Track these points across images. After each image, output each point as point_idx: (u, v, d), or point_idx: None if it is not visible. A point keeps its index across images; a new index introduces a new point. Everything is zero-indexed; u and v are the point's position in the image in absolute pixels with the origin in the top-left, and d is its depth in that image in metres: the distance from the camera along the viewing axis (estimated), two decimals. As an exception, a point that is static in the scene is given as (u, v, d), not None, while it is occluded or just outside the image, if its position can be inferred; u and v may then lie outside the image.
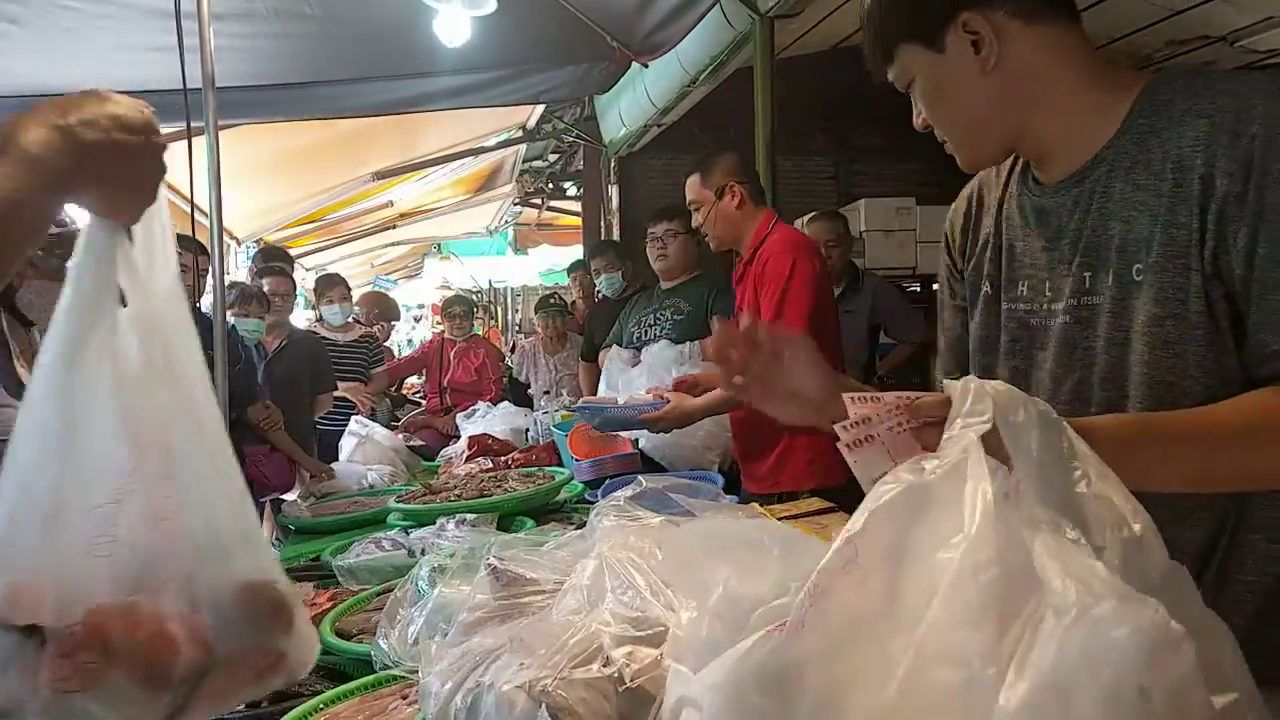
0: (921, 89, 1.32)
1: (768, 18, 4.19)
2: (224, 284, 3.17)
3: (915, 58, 1.29)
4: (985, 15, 1.22)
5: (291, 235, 8.91)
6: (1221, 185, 1.08)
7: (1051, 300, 1.29)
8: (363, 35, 4.21)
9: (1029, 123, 1.27)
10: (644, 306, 4.13)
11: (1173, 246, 1.13)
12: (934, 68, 1.28)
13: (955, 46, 1.24)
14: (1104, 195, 1.21)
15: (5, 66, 3.88)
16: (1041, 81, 1.24)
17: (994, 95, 1.26)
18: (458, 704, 1.05)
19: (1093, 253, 1.22)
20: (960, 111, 1.30)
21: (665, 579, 1.05)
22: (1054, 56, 1.24)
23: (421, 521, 2.68)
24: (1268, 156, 1.05)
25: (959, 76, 1.26)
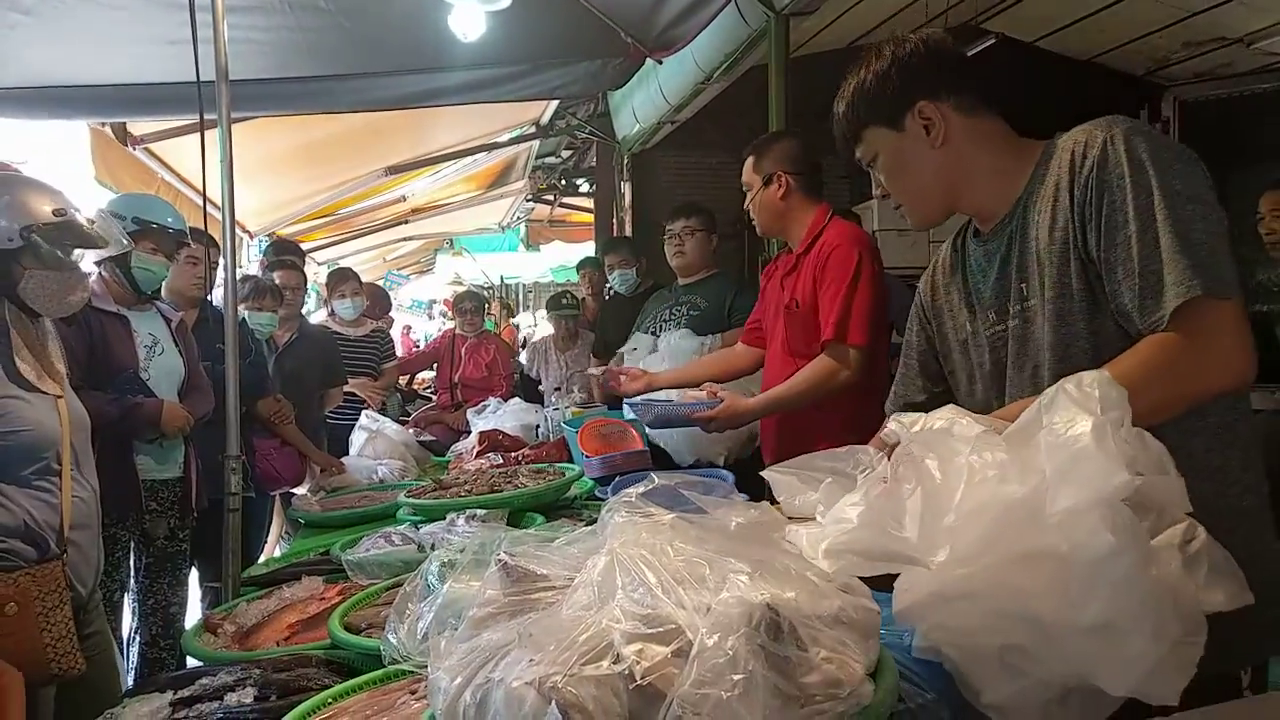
0: (883, 163, 1.68)
1: (783, 15, 4.18)
2: (235, 277, 3.17)
3: (879, 137, 1.65)
4: (935, 105, 1.59)
5: (304, 229, 8.93)
6: (1079, 194, 1.44)
7: (1010, 314, 1.60)
8: (377, 29, 4.21)
9: (964, 188, 1.64)
10: (661, 302, 4.13)
11: (1058, 245, 1.48)
12: (894, 144, 1.64)
13: (912, 127, 1.61)
14: (1022, 227, 1.56)
15: (19, 58, 3.89)
16: (973, 158, 1.61)
17: (939, 166, 1.62)
18: (467, 700, 1.04)
19: (1023, 269, 1.56)
20: (913, 180, 1.66)
21: (676, 575, 1.05)
22: (983, 139, 1.62)
23: (431, 517, 2.68)
24: (1103, 171, 1.41)
25: (913, 151, 1.63)
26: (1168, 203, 1.36)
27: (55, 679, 2.22)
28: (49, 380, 2.38)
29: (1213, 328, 1.34)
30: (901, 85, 1.61)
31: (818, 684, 0.96)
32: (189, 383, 3.40)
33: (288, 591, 2.23)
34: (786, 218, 2.99)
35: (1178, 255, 1.34)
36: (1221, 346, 1.35)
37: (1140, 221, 1.37)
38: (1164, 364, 1.35)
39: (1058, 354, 1.50)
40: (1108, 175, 1.41)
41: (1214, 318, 1.34)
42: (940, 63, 1.62)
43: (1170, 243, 1.35)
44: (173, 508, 3.34)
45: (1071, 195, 1.46)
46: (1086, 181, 1.43)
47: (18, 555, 2.23)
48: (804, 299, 2.88)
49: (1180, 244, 1.35)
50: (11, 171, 2.79)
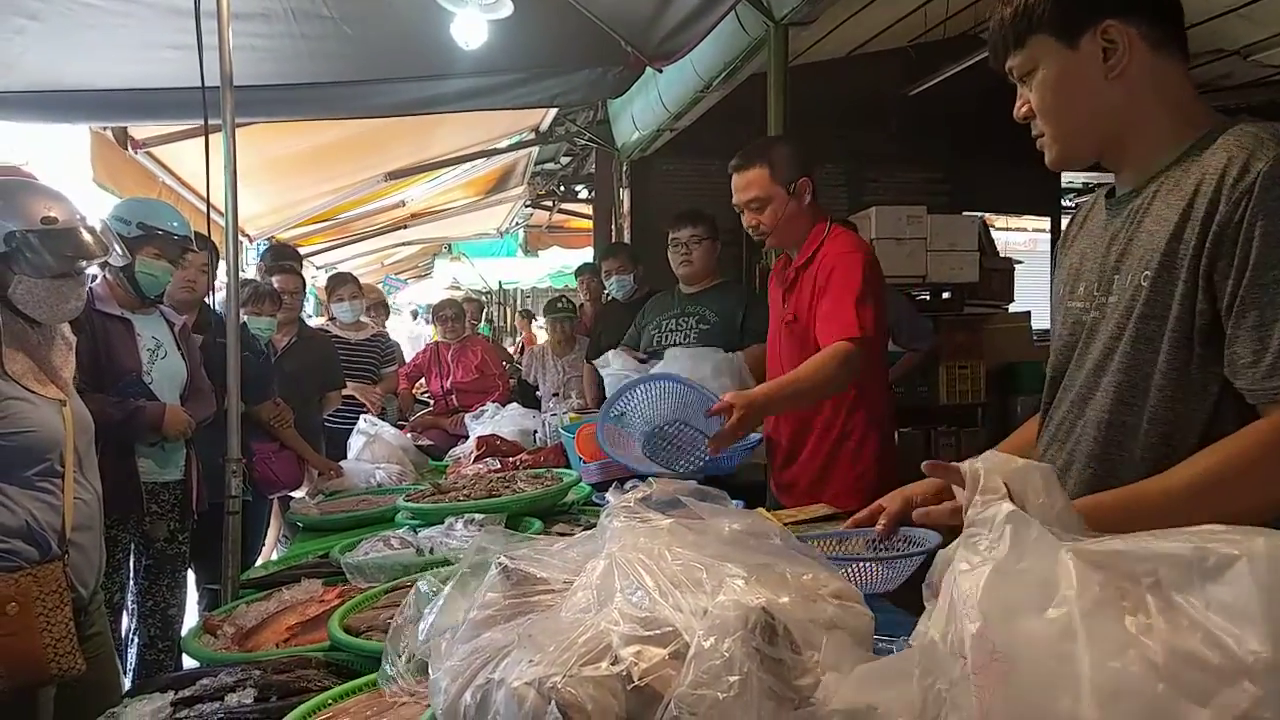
0: (1043, 79, 1.42)
1: (782, 25, 4.21)
2: (238, 281, 3.19)
3: (1047, 49, 1.40)
4: (1125, 27, 1.35)
5: (303, 234, 8.95)
6: (1224, 211, 1.25)
7: (1099, 300, 1.44)
8: (379, 37, 4.23)
9: (1125, 135, 1.41)
10: (663, 310, 4.02)
11: (1171, 257, 1.30)
12: (1063, 62, 1.39)
13: (1088, 48, 1.37)
14: (1146, 211, 1.38)
15: (25, 62, 3.91)
16: (1146, 103, 1.38)
17: (1106, 101, 1.39)
18: (467, 700, 1.05)
19: (1123, 259, 1.40)
20: (1071, 109, 1.41)
21: (674, 579, 1.07)
22: (1161, 84, 1.38)
23: (430, 521, 2.70)
24: (1266, 193, 1.21)
25: (1084, 76, 1.38)
26: None
27: (55, 679, 2.23)
28: (50, 385, 2.38)
29: None
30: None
31: (812, 686, 0.98)
32: (191, 386, 3.41)
33: (287, 594, 2.25)
34: (801, 227, 2.87)
35: None
36: None
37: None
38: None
39: (1130, 380, 1.37)
40: (1264, 208, 1.22)
41: None
42: None
43: None
44: (173, 510, 3.35)
45: (1214, 207, 1.27)
46: (1238, 201, 1.24)
47: (19, 555, 2.24)
48: (804, 314, 2.84)
49: None
50: (19, 176, 2.80)
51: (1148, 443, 1.36)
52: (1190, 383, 1.31)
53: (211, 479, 3.35)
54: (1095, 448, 1.43)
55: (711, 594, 1.04)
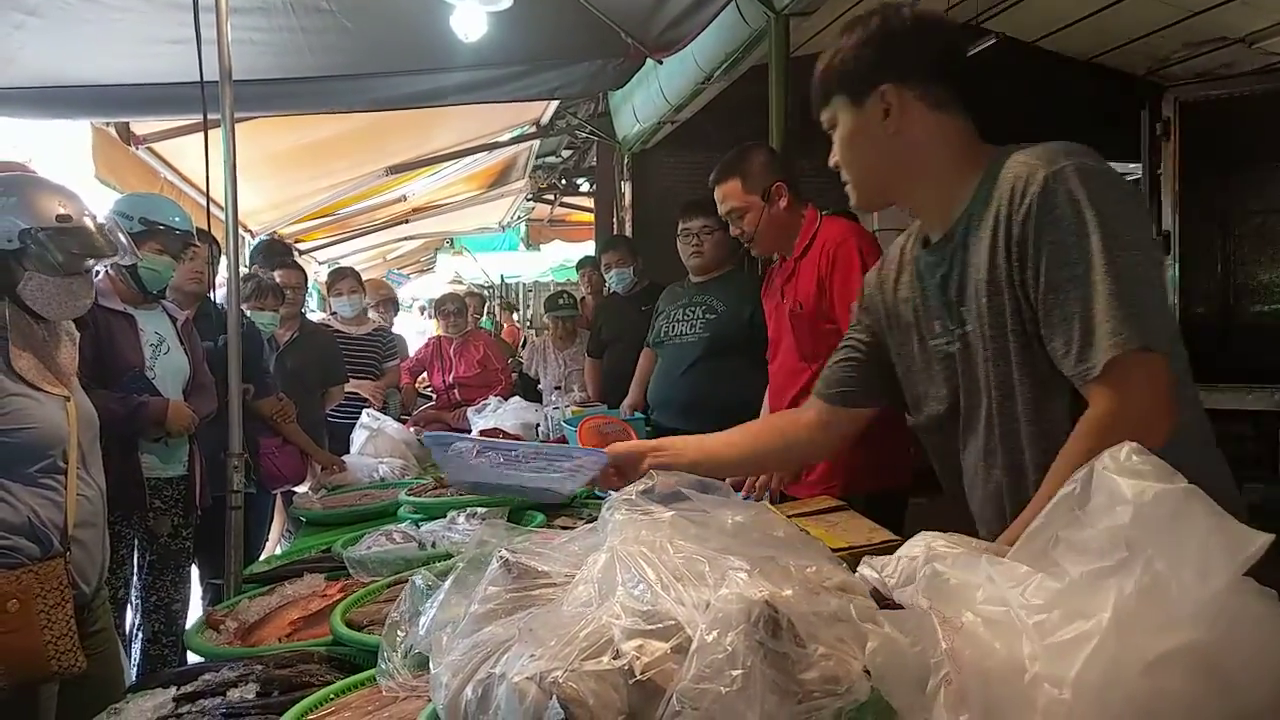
0: (840, 134, 1.64)
1: (783, 15, 4.19)
2: (239, 276, 3.19)
3: (842, 107, 1.62)
4: (900, 92, 1.55)
5: (305, 229, 8.95)
6: (1016, 233, 1.43)
7: (949, 334, 1.62)
8: (379, 30, 4.22)
9: (906, 184, 1.62)
10: (674, 300, 4.00)
11: (995, 283, 1.48)
12: (852, 118, 1.60)
13: (871, 107, 1.57)
14: (964, 248, 1.55)
15: (23, 58, 3.90)
16: (928, 157, 1.58)
17: (889, 156, 1.59)
18: (468, 695, 1.05)
19: (962, 293, 1.56)
20: (860, 159, 1.63)
21: (676, 572, 1.06)
22: (943, 139, 1.57)
23: (432, 515, 2.69)
24: (1041, 209, 1.40)
25: (867, 131, 1.59)
26: (1108, 249, 1.35)
27: (56, 677, 2.23)
28: (55, 382, 2.38)
29: (1142, 381, 1.35)
30: (873, 62, 1.56)
31: (816, 680, 0.97)
32: (194, 381, 3.41)
33: (289, 588, 2.25)
34: (791, 228, 2.92)
35: (1115, 305, 1.34)
36: (1146, 401, 1.35)
37: (1079, 267, 1.37)
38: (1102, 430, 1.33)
39: (1002, 392, 1.52)
40: (1048, 216, 1.39)
41: (1144, 371, 1.35)
42: (922, 47, 1.57)
43: (1108, 291, 1.34)
44: (176, 505, 3.35)
45: (1009, 232, 1.44)
46: (1025, 219, 1.41)
47: (20, 552, 2.24)
48: (808, 301, 2.83)
49: (1118, 293, 1.34)
50: (25, 172, 2.79)
51: (1032, 440, 1.51)
52: (1047, 380, 1.47)
53: (214, 474, 3.35)
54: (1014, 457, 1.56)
55: (714, 587, 1.03)
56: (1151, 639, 0.89)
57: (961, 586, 1.05)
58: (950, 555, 1.11)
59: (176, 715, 1.58)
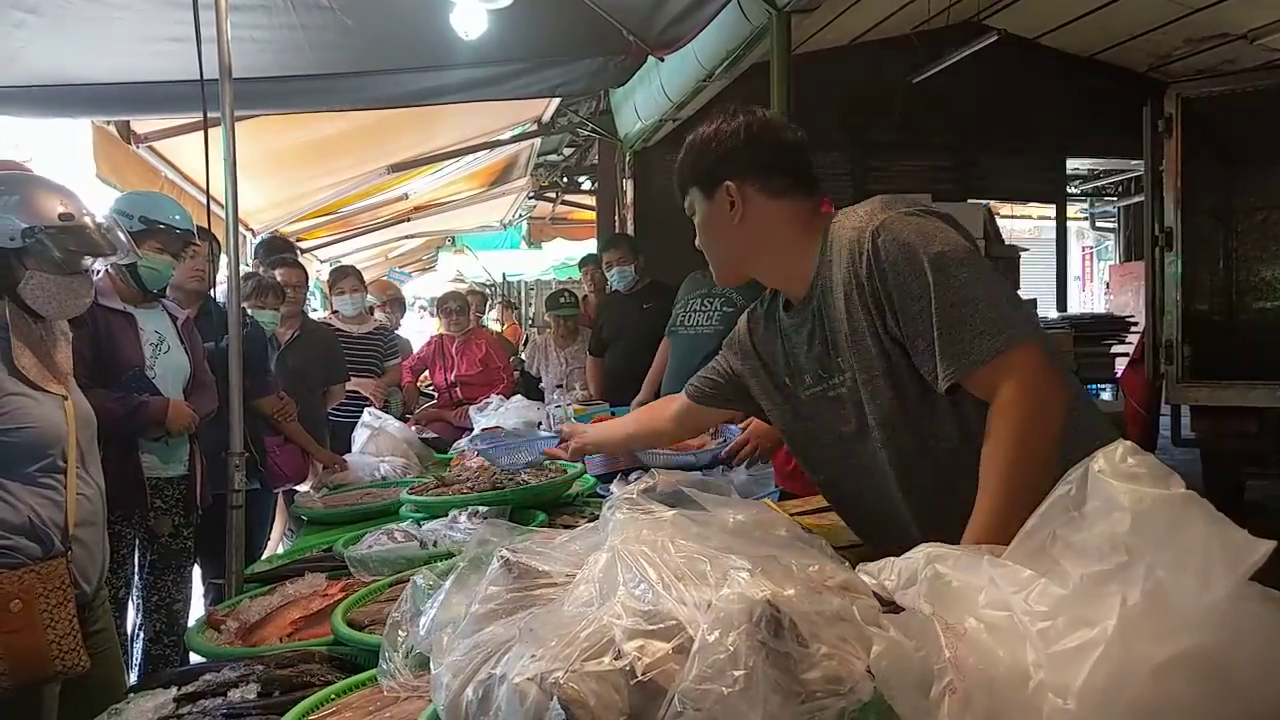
0: (697, 221, 1.84)
1: (785, 13, 4.18)
2: (239, 274, 3.18)
3: (696, 197, 1.83)
4: (740, 186, 1.75)
5: (306, 227, 8.94)
6: (868, 286, 1.61)
7: (824, 383, 1.79)
8: (379, 27, 4.21)
9: (756, 262, 1.83)
10: (695, 288, 3.99)
11: (857, 332, 1.66)
12: (705, 208, 1.81)
13: (719, 199, 1.77)
14: (823, 308, 1.73)
15: (24, 56, 3.90)
16: (766, 238, 1.78)
17: (737, 239, 1.79)
18: (469, 696, 1.04)
19: (833, 349, 1.73)
20: (716, 244, 1.84)
21: (678, 572, 1.05)
22: (785, 221, 1.76)
23: (434, 513, 2.69)
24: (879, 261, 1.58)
25: (717, 219, 1.79)
26: (942, 273, 1.53)
27: (58, 676, 2.23)
28: (53, 381, 2.38)
29: (1032, 370, 1.50)
30: (717, 161, 1.76)
31: (818, 680, 0.96)
32: (194, 380, 3.41)
33: (291, 588, 2.24)
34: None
35: (970, 318, 1.51)
36: (1038, 381, 1.50)
37: (926, 298, 1.53)
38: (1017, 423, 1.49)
39: (880, 420, 1.69)
40: (884, 264, 1.57)
41: (1028, 361, 1.50)
42: (758, 149, 1.76)
43: (959, 308, 1.51)
44: (177, 505, 3.34)
45: (861, 288, 1.62)
46: (869, 274, 1.59)
47: (22, 552, 2.23)
48: None
49: (968, 307, 1.51)
50: (23, 170, 2.79)
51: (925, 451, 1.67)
52: (924, 402, 1.64)
53: (216, 473, 3.35)
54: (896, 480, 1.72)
55: (716, 587, 1.03)
56: (1156, 646, 0.88)
57: (964, 590, 1.05)
58: (951, 557, 1.11)
59: (177, 715, 1.58)
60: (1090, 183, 12.90)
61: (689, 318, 3.88)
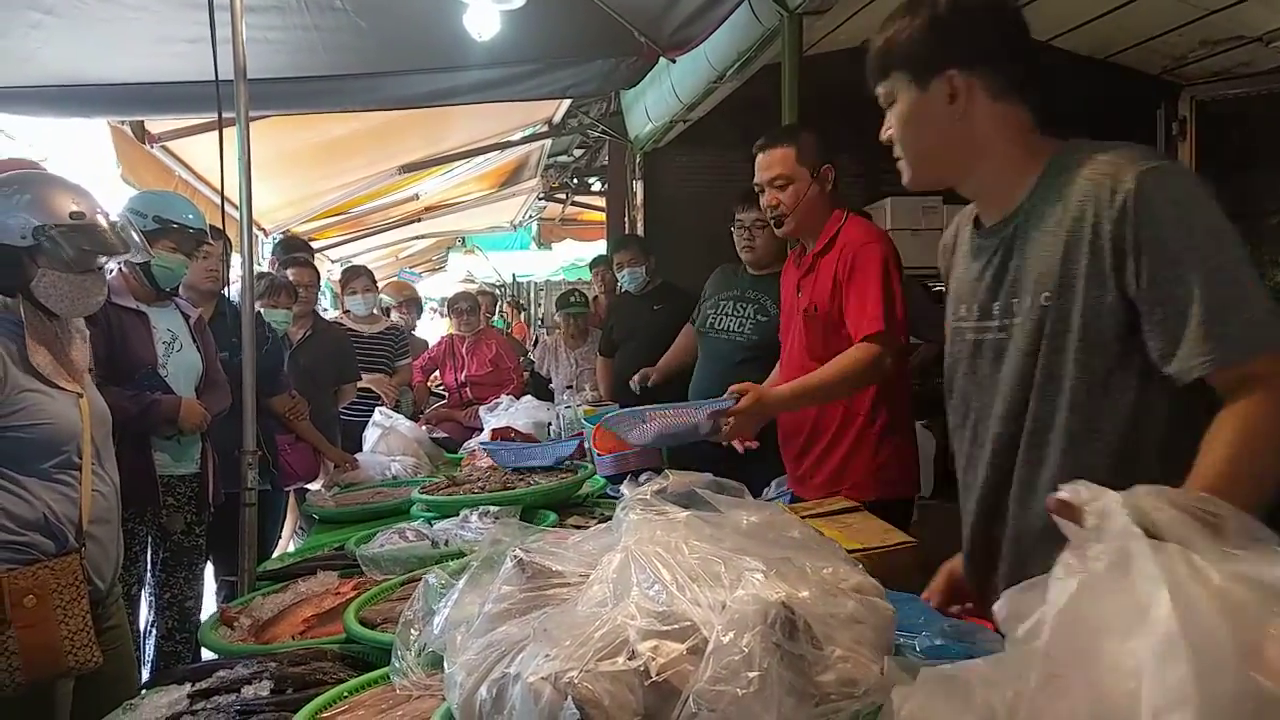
0: (898, 112, 1.61)
1: (796, 14, 4.17)
2: (253, 273, 3.19)
3: (902, 86, 1.58)
4: (966, 79, 1.52)
5: (318, 227, 8.96)
6: (1110, 231, 1.40)
7: (982, 320, 1.62)
8: (392, 28, 4.23)
9: (967, 169, 1.61)
10: (725, 287, 3.75)
11: (1067, 278, 1.46)
12: (914, 99, 1.57)
13: (936, 90, 1.54)
14: (1022, 239, 1.54)
15: (41, 57, 3.92)
16: (987, 143, 1.56)
17: (950, 140, 1.57)
18: (483, 694, 1.05)
19: (1016, 284, 1.55)
20: (921, 141, 1.61)
21: (691, 573, 1.05)
22: (1003, 127, 1.55)
23: (445, 513, 2.70)
24: (1140, 209, 1.37)
25: (930, 113, 1.56)
26: (1218, 245, 1.36)
27: (72, 672, 2.24)
28: (68, 378, 2.39)
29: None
30: (940, 46, 1.54)
31: (833, 682, 0.96)
32: (206, 379, 3.42)
33: (303, 586, 2.26)
34: (822, 216, 2.86)
35: (1243, 301, 1.34)
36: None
37: (1193, 265, 1.35)
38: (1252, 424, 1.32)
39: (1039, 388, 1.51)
40: (1147, 213, 1.37)
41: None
42: (989, 34, 1.55)
43: (1231, 288, 1.34)
44: (189, 503, 3.36)
45: (1098, 231, 1.42)
46: (1121, 217, 1.39)
47: (36, 548, 2.25)
48: (823, 303, 2.80)
49: (1240, 289, 1.34)
50: (37, 169, 2.80)
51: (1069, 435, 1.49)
52: (1109, 381, 1.46)
53: (228, 471, 3.36)
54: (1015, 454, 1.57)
55: (730, 588, 1.03)
56: None
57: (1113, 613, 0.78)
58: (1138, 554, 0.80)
59: (191, 712, 1.59)
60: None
61: (720, 320, 3.69)
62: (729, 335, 3.63)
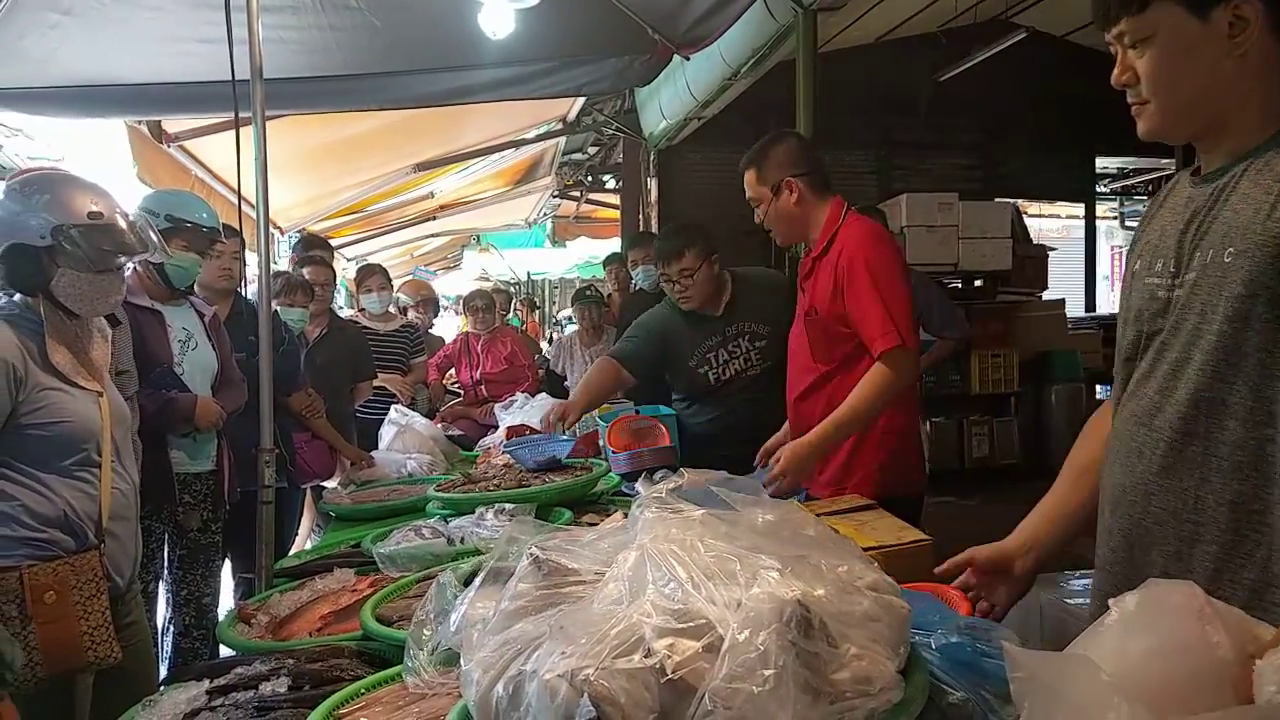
0: (1159, 48, 1.38)
1: (810, 11, 4.17)
2: (270, 272, 3.21)
3: (1172, 18, 1.35)
4: (1255, 8, 1.31)
5: (334, 225, 8.99)
6: None
7: (1172, 275, 1.43)
8: (407, 27, 4.24)
9: (1225, 113, 1.39)
10: (700, 340, 3.52)
11: (1264, 236, 1.28)
12: (1187, 33, 1.35)
13: (1217, 21, 1.33)
14: (1232, 190, 1.36)
15: (59, 58, 3.95)
16: (1254, 83, 1.36)
17: (1224, 78, 1.36)
18: (499, 692, 1.05)
19: (1204, 236, 1.38)
20: (1188, 80, 1.38)
21: (707, 571, 1.06)
22: (1272, 66, 1.35)
23: (460, 510, 2.71)
24: None
25: (1205, 50, 1.35)
26: None
27: (92, 667, 2.26)
28: (88, 377, 2.41)
29: None
30: None
31: (848, 680, 0.96)
32: (222, 377, 3.44)
33: (320, 583, 2.27)
34: (805, 222, 2.87)
35: None
36: None
37: None
38: None
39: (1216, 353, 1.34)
40: None
41: None
42: None
43: None
44: (206, 500, 3.38)
45: None
46: None
47: (57, 545, 2.27)
48: (822, 305, 2.79)
49: None
50: (56, 171, 2.82)
51: (1248, 415, 1.33)
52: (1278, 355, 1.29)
53: (244, 469, 3.38)
54: (1188, 425, 1.39)
55: (745, 586, 1.03)
56: None
57: None
58: None
59: (209, 708, 1.60)
60: (1120, 181, 12.78)
61: (723, 370, 3.49)
62: (746, 374, 3.48)
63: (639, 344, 3.67)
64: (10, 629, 2.01)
